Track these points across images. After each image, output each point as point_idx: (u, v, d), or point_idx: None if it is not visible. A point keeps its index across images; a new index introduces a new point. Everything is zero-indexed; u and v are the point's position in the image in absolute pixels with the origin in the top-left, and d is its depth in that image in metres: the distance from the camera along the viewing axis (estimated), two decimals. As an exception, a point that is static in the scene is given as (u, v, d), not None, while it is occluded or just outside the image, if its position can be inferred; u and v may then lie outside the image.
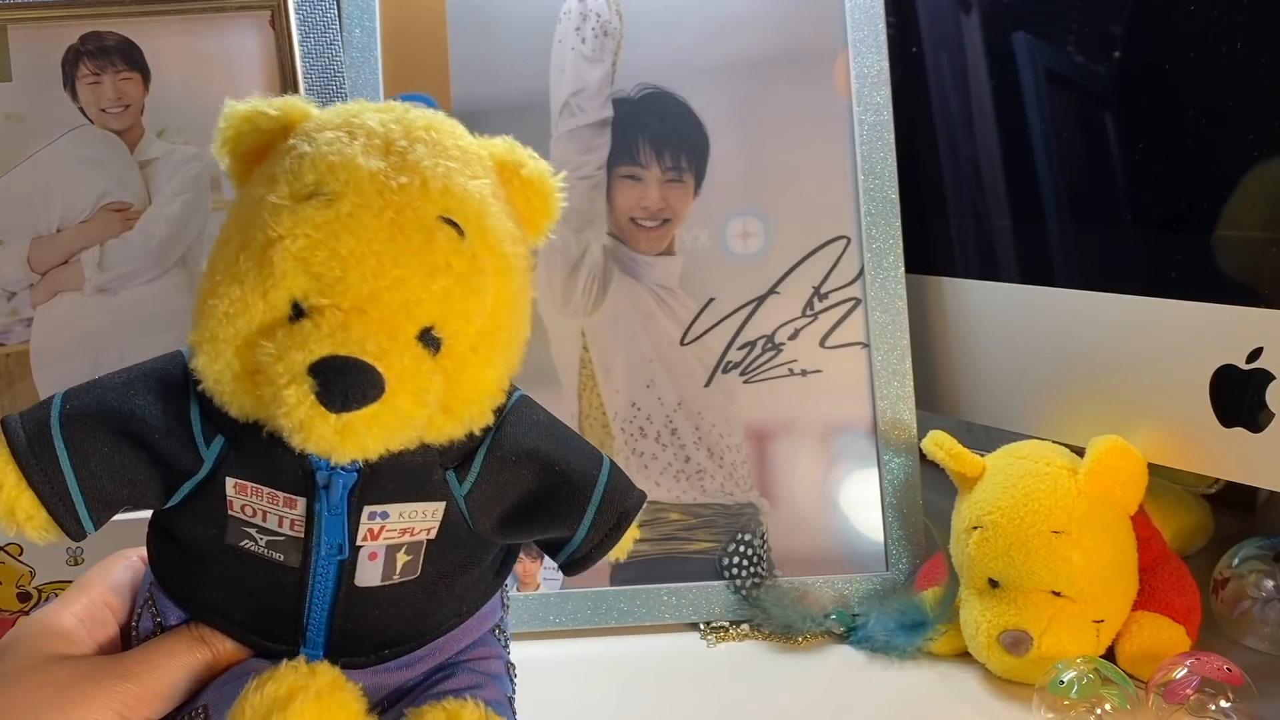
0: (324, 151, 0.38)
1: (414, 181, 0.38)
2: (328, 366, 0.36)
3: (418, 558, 0.42)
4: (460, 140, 0.41)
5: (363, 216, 0.37)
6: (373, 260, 0.37)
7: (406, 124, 0.40)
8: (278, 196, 0.38)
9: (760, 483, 0.67)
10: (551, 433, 0.44)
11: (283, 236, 0.37)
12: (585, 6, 0.68)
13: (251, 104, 0.41)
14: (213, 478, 0.40)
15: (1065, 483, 0.58)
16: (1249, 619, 0.61)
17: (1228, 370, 0.56)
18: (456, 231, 0.38)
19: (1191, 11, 0.57)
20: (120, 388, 0.41)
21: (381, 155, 0.38)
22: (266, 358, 0.36)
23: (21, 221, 0.63)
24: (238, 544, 0.41)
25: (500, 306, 0.40)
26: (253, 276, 0.37)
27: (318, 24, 0.66)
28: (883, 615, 0.62)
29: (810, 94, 0.69)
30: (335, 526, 0.40)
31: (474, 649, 0.45)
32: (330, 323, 0.36)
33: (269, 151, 0.41)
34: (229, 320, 0.38)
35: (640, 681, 0.60)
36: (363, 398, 0.36)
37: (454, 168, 0.39)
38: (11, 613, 0.61)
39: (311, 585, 0.41)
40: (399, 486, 0.41)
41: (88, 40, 0.64)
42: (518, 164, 0.43)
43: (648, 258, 0.67)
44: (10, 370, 0.63)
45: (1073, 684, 0.52)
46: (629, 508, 0.45)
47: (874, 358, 0.67)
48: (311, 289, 0.37)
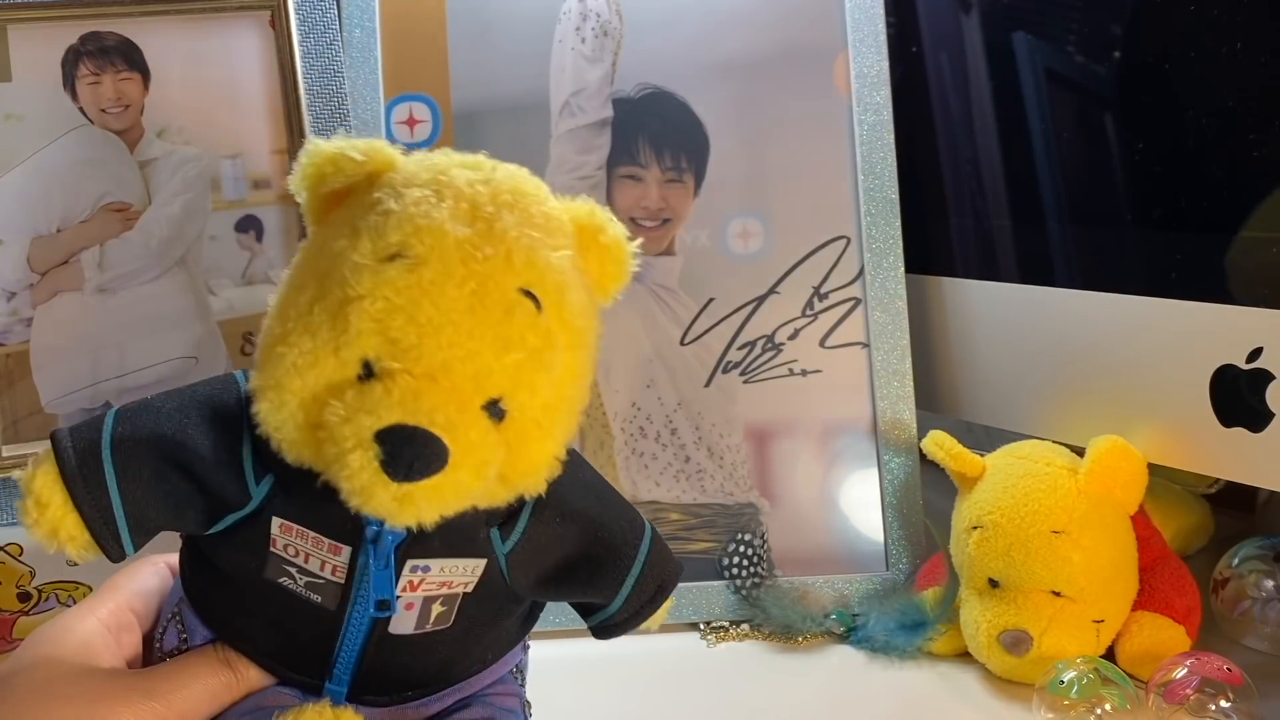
0: (411, 213, 0.37)
1: (499, 252, 0.37)
2: (396, 435, 0.35)
3: (451, 609, 0.42)
4: (544, 205, 0.40)
5: (445, 285, 0.36)
6: (449, 330, 0.36)
7: (494, 187, 0.39)
8: (360, 254, 0.37)
9: (760, 483, 0.67)
10: (598, 495, 0.44)
11: (362, 296, 0.36)
12: (585, 6, 0.68)
13: (337, 145, 0.40)
14: (258, 515, 0.40)
15: (1065, 483, 0.58)
16: (1249, 619, 0.61)
17: (1228, 370, 0.56)
18: (535, 305, 0.38)
19: (1191, 11, 0.57)
20: (173, 414, 0.40)
21: (468, 222, 0.37)
22: (334, 418, 0.36)
23: (21, 221, 0.63)
24: (275, 580, 0.41)
25: (567, 380, 0.40)
26: (326, 331, 0.37)
27: (318, 24, 0.66)
28: (883, 615, 0.62)
29: (810, 94, 0.69)
30: (382, 581, 0.40)
31: (492, 685, 0.45)
32: (401, 389, 0.36)
33: (349, 195, 0.40)
34: (297, 372, 0.37)
35: (640, 681, 0.60)
36: (427, 469, 0.35)
37: (538, 239, 0.39)
38: (11, 613, 0.61)
39: (345, 629, 0.41)
40: (444, 543, 0.40)
41: (88, 40, 0.64)
42: (598, 229, 0.42)
43: (648, 258, 0.67)
44: (10, 370, 0.63)
45: (1073, 684, 0.53)
46: (667, 579, 0.45)
47: (874, 358, 0.67)
48: (385, 352, 0.36)
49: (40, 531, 0.39)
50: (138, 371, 0.64)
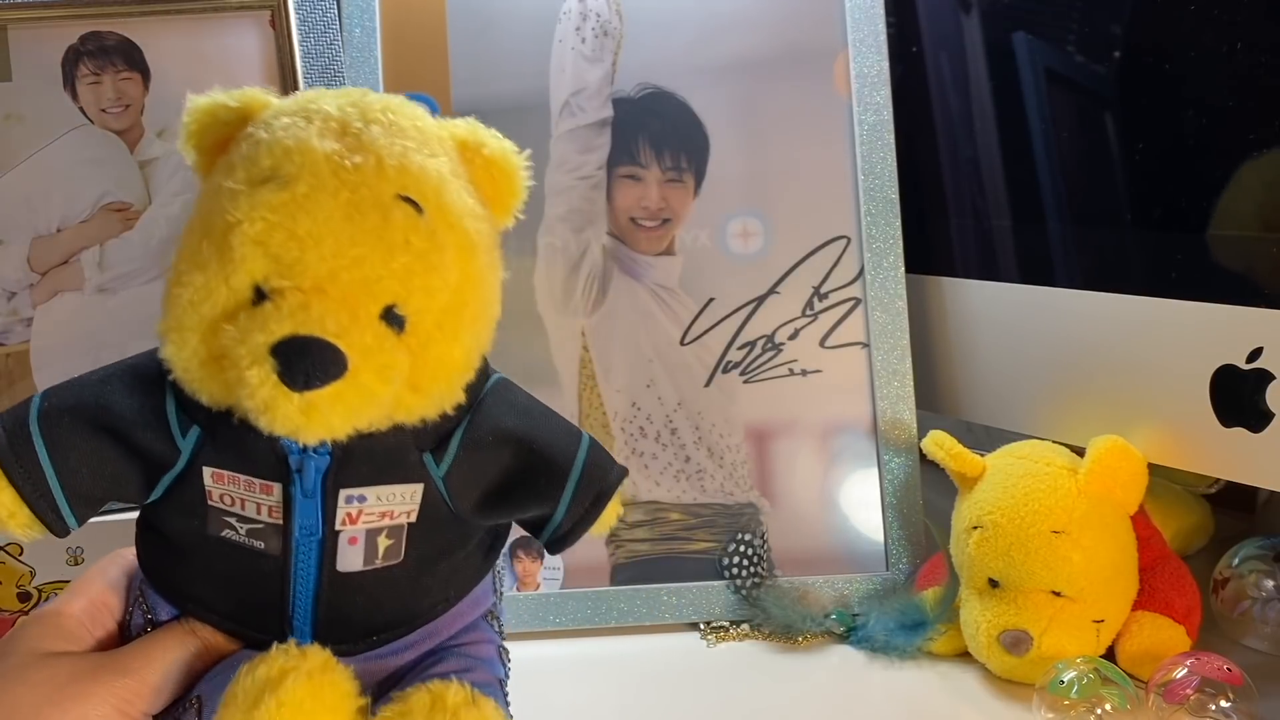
0: (279, 136, 0.38)
1: (369, 161, 0.38)
2: (289, 346, 0.36)
3: (399, 541, 0.42)
4: (419, 121, 0.41)
5: (319, 197, 0.37)
6: (330, 240, 0.37)
7: (363, 107, 0.40)
8: (235, 182, 0.38)
9: (760, 483, 0.67)
10: (529, 413, 0.44)
11: (241, 221, 0.37)
12: (585, 6, 0.68)
13: (212, 97, 0.41)
14: (191, 468, 0.41)
15: (1065, 483, 0.58)
16: (1249, 619, 0.61)
17: (1228, 370, 0.56)
18: (414, 209, 0.38)
19: (1191, 11, 0.57)
20: (97, 384, 0.41)
21: (337, 137, 0.38)
22: (229, 340, 0.37)
23: (21, 221, 0.63)
24: (219, 534, 0.41)
25: (465, 283, 0.40)
26: (214, 262, 0.38)
27: (318, 24, 0.66)
28: (883, 615, 0.62)
29: (810, 94, 0.69)
30: (309, 510, 0.40)
31: (465, 634, 0.45)
32: (290, 303, 0.37)
33: (231, 143, 0.41)
34: (193, 307, 0.38)
35: (640, 681, 0.60)
36: (324, 375, 0.36)
37: (410, 146, 0.39)
38: (11, 612, 0.61)
39: (294, 572, 0.41)
40: (374, 469, 0.41)
41: (88, 40, 0.64)
42: (479, 144, 0.43)
43: (648, 258, 0.67)
44: (10, 370, 0.63)
45: (1073, 684, 0.52)
46: (609, 483, 0.45)
47: (874, 358, 0.67)
48: (272, 271, 0.37)
49: None
50: (138, 371, 0.63)
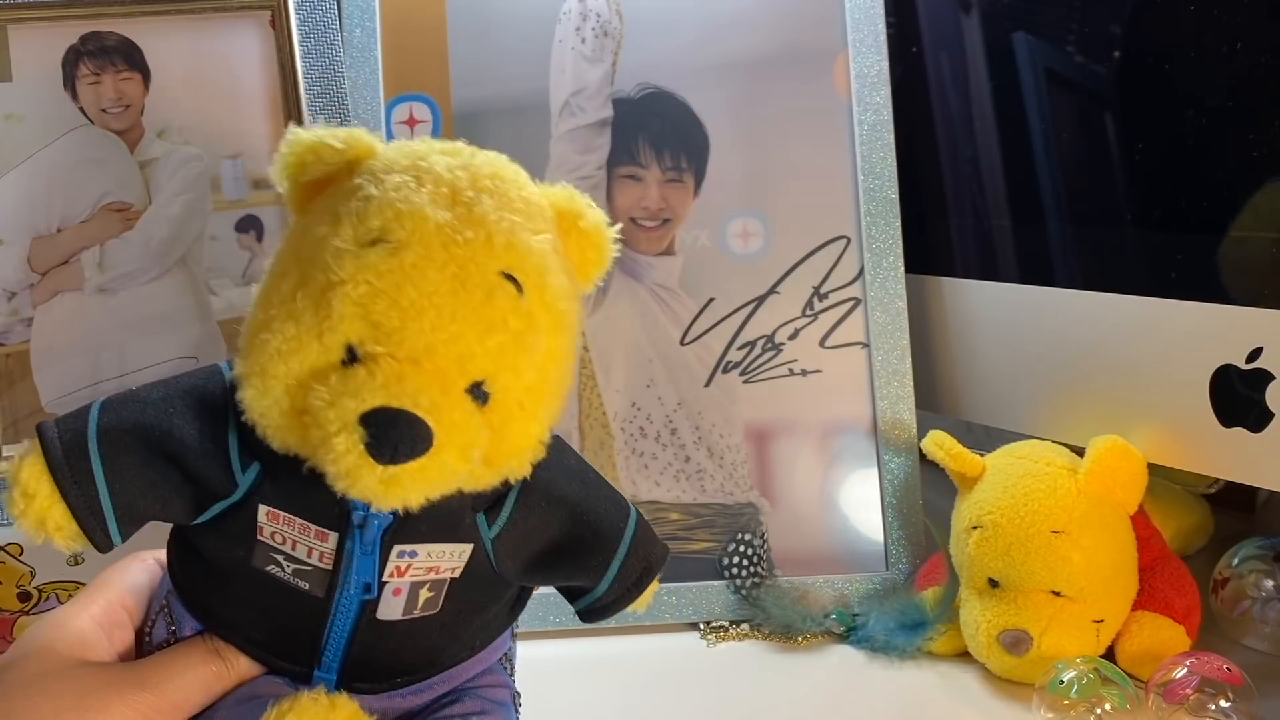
0: (391, 198, 0.38)
1: (479, 236, 0.38)
2: (380, 418, 0.35)
3: (439, 595, 0.42)
4: (524, 190, 0.41)
5: (426, 269, 0.37)
6: (432, 313, 0.36)
7: (473, 172, 0.39)
8: (341, 240, 0.37)
9: (760, 483, 0.67)
10: (583, 480, 0.45)
11: (344, 281, 0.36)
12: (585, 6, 0.68)
13: (317, 134, 0.40)
14: (245, 502, 0.40)
15: (1065, 483, 0.58)
16: (1249, 619, 0.61)
17: (1228, 370, 0.56)
18: (516, 288, 0.38)
19: (1191, 11, 0.57)
20: (159, 404, 0.41)
21: (448, 206, 0.38)
22: (319, 402, 0.36)
23: (21, 221, 0.63)
24: (263, 568, 0.41)
25: (550, 362, 0.40)
26: (309, 316, 0.37)
27: (318, 24, 0.66)
28: (883, 615, 0.62)
29: (810, 94, 0.69)
30: (367, 566, 0.40)
31: (482, 676, 0.45)
32: (385, 373, 0.36)
33: (330, 184, 0.40)
34: (281, 358, 0.37)
35: (640, 681, 0.60)
36: (412, 452, 0.36)
37: (518, 222, 0.39)
38: (11, 612, 0.61)
39: (333, 615, 0.41)
40: (431, 528, 0.41)
41: (88, 40, 0.64)
42: (577, 214, 0.43)
43: (648, 258, 0.67)
44: (10, 370, 0.63)
45: (1073, 684, 0.53)
46: (653, 562, 0.45)
47: (874, 358, 0.67)
48: (368, 336, 0.37)
49: (27, 522, 0.39)
50: (138, 372, 0.64)
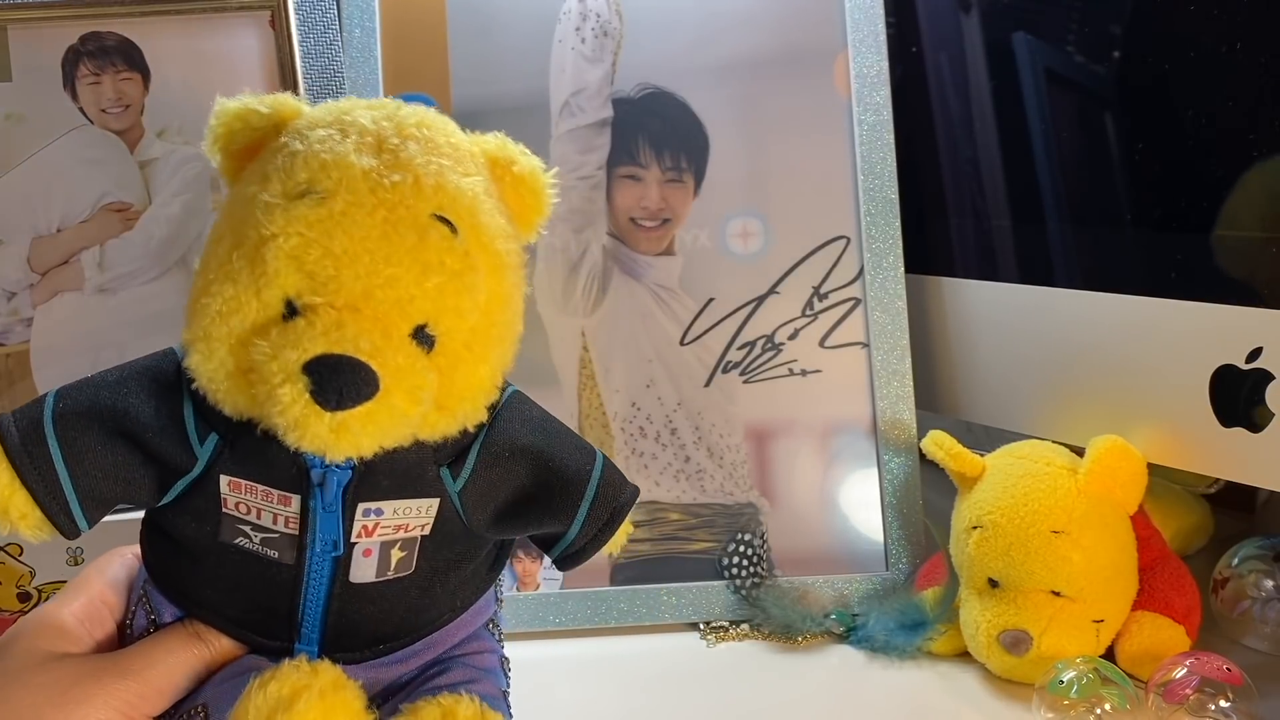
0: (316, 149, 0.38)
1: (407, 179, 0.38)
2: (322, 365, 0.36)
3: (412, 554, 0.42)
4: (452, 137, 0.41)
5: (356, 215, 0.37)
6: (366, 258, 0.37)
7: (398, 121, 0.40)
8: (270, 195, 0.38)
9: (760, 483, 0.67)
10: (545, 428, 0.45)
11: (276, 235, 0.37)
12: (585, 6, 0.68)
13: (243, 101, 0.41)
14: (207, 475, 0.40)
15: (1065, 483, 0.58)
16: (1249, 619, 0.61)
17: (1228, 370, 0.56)
18: (449, 229, 0.38)
19: (1191, 11, 0.57)
20: (113, 385, 0.41)
21: (374, 153, 0.38)
22: (260, 356, 0.36)
23: (21, 221, 0.63)
24: (232, 541, 0.41)
25: (494, 303, 0.40)
26: (246, 275, 0.37)
27: (318, 24, 0.66)
28: (883, 615, 0.62)
29: (810, 94, 0.69)
30: (330, 524, 0.40)
31: (468, 644, 0.45)
32: (324, 321, 0.36)
33: (261, 149, 0.41)
34: (222, 319, 0.38)
35: (640, 681, 0.60)
36: (357, 395, 0.36)
37: (446, 165, 0.39)
38: (11, 613, 0.61)
39: (306, 582, 0.41)
40: (393, 483, 0.41)
41: (88, 40, 0.64)
42: (509, 160, 0.43)
43: (648, 258, 0.67)
44: (10, 370, 0.63)
45: (1072, 684, 0.53)
46: (622, 503, 0.45)
47: (874, 358, 0.67)
48: (305, 287, 0.37)
49: None
50: (138, 371, 0.63)
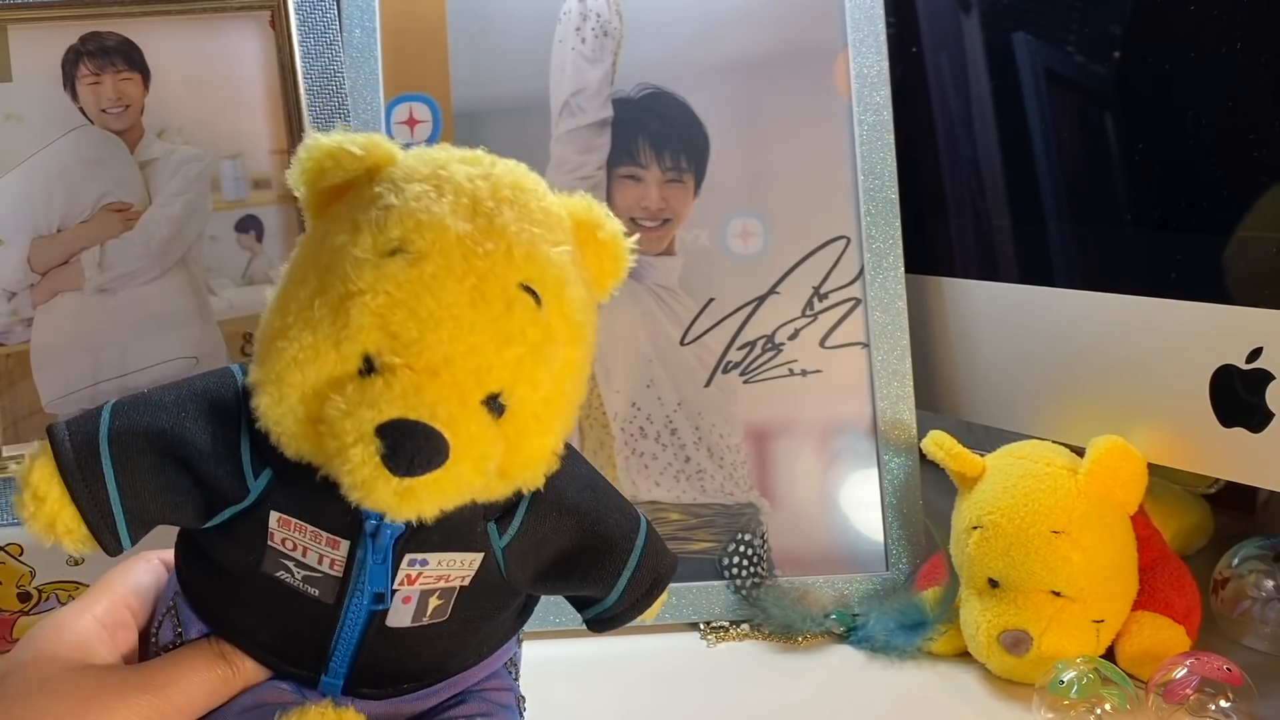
0: (412, 208, 0.37)
1: (500, 248, 0.37)
2: (397, 430, 0.35)
3: (448, 603, 0.42)
4: (543, 201, 0.41)
5: (446, 280, 0.36)
6: (451, 324, 0.36)
7: (494, 182, 0.39)
8: (361, 249, 0.37)
9: (760, 483, 0.67)
10: (594, 489, 0.45)
11: (363, 291, 0.36)
12: (585, 6, 0.68)
13: (336, 140, 0.40)
14: (257, 508, 0.40)
15: (1065, 483, 0.58)
16: (1249, 619, 0.61)
17: (1228, 370, 0.56)
18: (535, 300, 0.38)
19: (1191, 12, 0.57)
20: (171, 407, 0.40)
21: (469, 217, 0.38)
22: (335, 411, 0.36)
23: (21, 221, 0.63)
24: (273, 574, 0.41)
25: (566, 374, 0.40)
26: (327, 325, 0.37)
27: (318, 24, 0.66)
28: (883, 615, 0.62)
29: (810, 94, 0.69)
30: (379, 575, 0.40)
31: (487, 680, 0.45)
32: (402, 384, 0.36)
33: (348, 190, 0.40)
34: (297, 366, 0.37)
35: (640, 681, 0.60)
36: (428, 464, 0.35)
37: (538, 234, 0.39)
38: (11, 613, 0.61)
39: (342, 622, 0.41)
40: (443, 537, 0.40)
41: (88, 40, 0.64)
42: (595, 225, 0.43)
43: (648, 258, 0.67)
44: (10, 370, 0.63)
45: (1073, 684, 0.53)
46: (663, 573, 0.45)
47: (874, 358, 0.67)
48: (386, 346, 0.36)
49: (37, 525, 0.39)
50: (138, 372, 0.64)
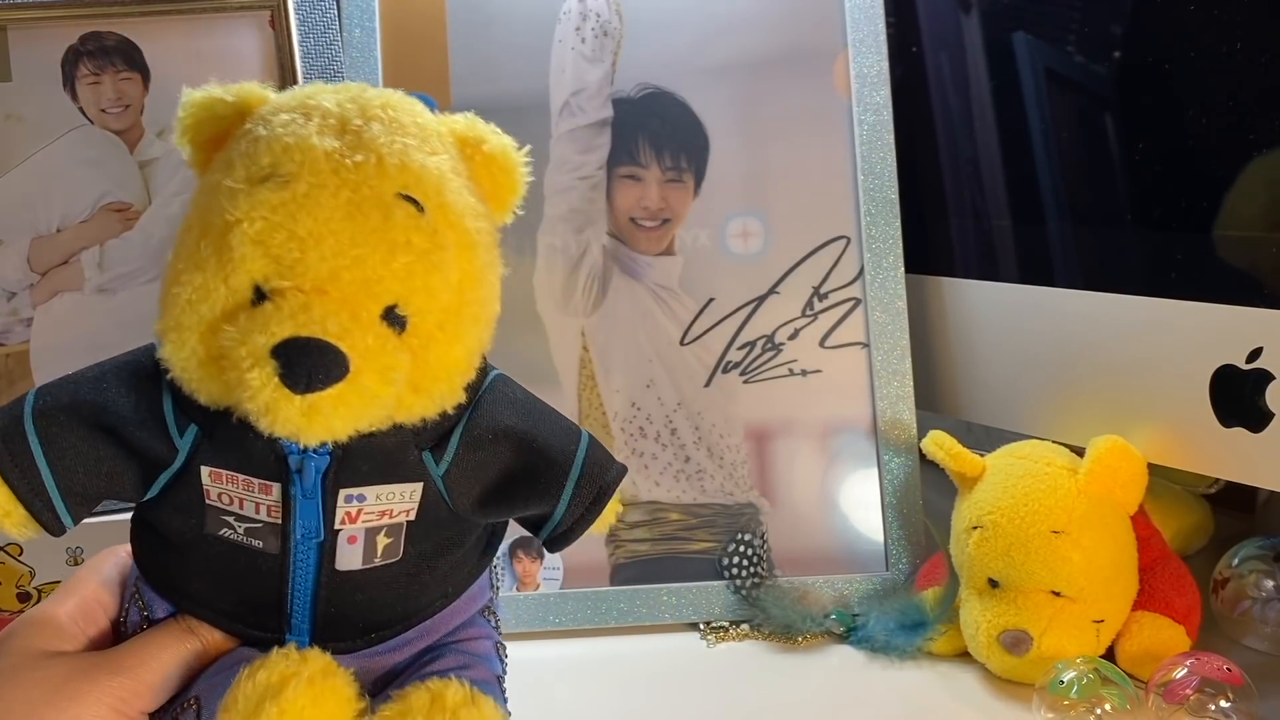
0: (279, 133, 0.38)
1: (370, 159, 0.38)
2: (290, 348, 0.36)
3: (398, 540, 0.42)
4: (418, 118, 0.41)
5: (319, 196, 0.37)
6: (331, 240, 0.37)
7: (362, 103, 0.40)
8: (234, 180, 0.38)
9: (760, 483, 0.67)
10: (528, 410, 0.44)
11: (240, 220, 0.37)
12: (585, 6, 0.68)
13: (208, 91, 0.41)
14: (188, 467, 0.40)
15: (1065, 483, 0.57)
16: (1249, 619, 0.61)
17: (1228, 370, 0.56)
18: (415, 208, 0.38)
19: (1191, 11, 0.57)
20: (93, 381, 0.41)
21: (337, 135, 0.38)
22: (229, 341, 0.36)
23: (21, 221, 0.63)
24: (217, 533, 0.41)
25: (466, 282, 0.40)
26: (213, 262, 0.37)
27: (318, 24, 0.66)
28: (883, 615, 0.62)
29: (810, 94, 0.69)
30: (310, 511, 0.40)
31: (462, 630, 0.45)
32: (291, 304, 0.36)
33: (228, 138, 0.41)
34: (192, 307, 0.38)
35: (640, 681, 0.60)
36: (326, 377, 0.36)
37: (411, 144, 0.39)
38: (11, 612, 0.61)
39: (292, 571, 0.41)
40: (374, 468, 0.40)
41: (88, 40, 0.64)
42: (479, 139, 0.43)
43: (648, 258, 0.67)
44: (10, 370, 0.63)
45: (1073, 684, 0.52)
46: (608, 481, 0.45)
47: (874, 358, 0.67)
48: (272, 271, 0.37)
49: None
50: (138, 371, 0.63)
